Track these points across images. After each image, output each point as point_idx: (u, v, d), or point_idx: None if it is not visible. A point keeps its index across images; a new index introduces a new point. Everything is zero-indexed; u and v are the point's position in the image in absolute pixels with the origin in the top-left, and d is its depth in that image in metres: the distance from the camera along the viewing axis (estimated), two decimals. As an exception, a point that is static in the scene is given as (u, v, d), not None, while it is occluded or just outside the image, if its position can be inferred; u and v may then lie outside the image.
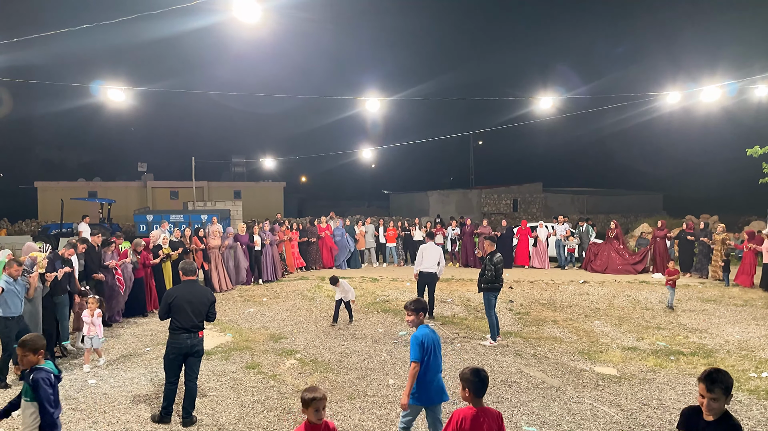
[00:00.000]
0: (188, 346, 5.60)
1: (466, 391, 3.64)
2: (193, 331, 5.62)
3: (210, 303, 5.79)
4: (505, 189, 42.10)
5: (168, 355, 5.65)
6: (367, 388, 6.65)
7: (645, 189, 50.38)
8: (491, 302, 8.68)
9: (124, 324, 10.08)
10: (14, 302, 6.76)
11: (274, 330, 9.48)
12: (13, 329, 6.71)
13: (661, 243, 16.38)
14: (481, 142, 58.60)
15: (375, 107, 15.07)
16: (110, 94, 12.69)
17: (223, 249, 13.46)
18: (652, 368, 7.39)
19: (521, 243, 18.07)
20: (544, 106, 16.23)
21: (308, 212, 44.93)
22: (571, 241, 17.79)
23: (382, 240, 18.78)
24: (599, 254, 16.89)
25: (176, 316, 5.59)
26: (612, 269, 16.39)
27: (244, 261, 14.35)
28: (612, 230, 17.04)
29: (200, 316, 5.69)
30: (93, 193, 38.92)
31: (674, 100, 15.12)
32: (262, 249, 14.79)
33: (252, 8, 8.35)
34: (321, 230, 17.69)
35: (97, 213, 27.69)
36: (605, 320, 10.20)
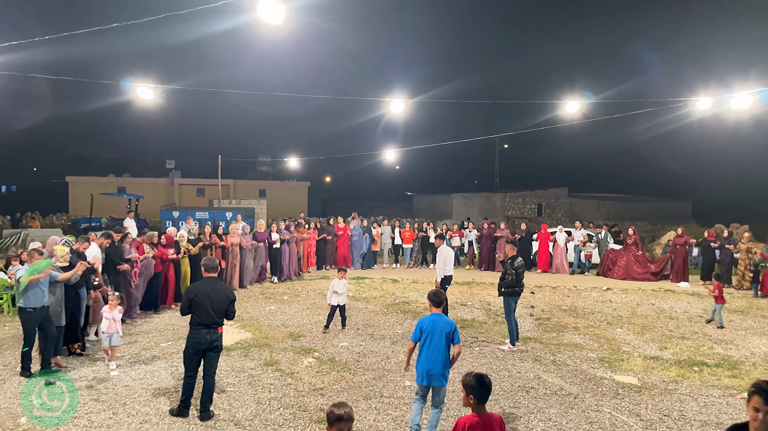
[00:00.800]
0: (208, 342, 5.69)
1: (471, 398, 3.59)
2: (213, 327, 5.70)
3: (230, 302, 5.86)
4: (530, 193, 41.76)
5: (188, 350, 5.74)
6: (383, 389, 6.66)
7: (673, 196, 49.52)
8: (511, 306, 8.62)
9: (140, 318, 10.18)
10: (36, 294, 6.80)
11: (294, 329, 9.54)
12: (36, 320, 6.80)
13: (681, 250, 16.12)
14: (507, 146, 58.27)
15: (399, 108, 15.07)
16: (140, 92, 12.94)
17: (248, 246, 13.56)
18: (675, 378, 7.25)
19: (541, 247, 17.90)
20: (571, 110, 16.04)
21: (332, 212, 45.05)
22: (588, 247, 17.58)
23: (398, 242, 18.71)
24: (618, 261, 16.67)
25: (197, 312, 5.68)
26: (631, 276, 16.17)
27: (262, 259, 14.41)
28: (630, 237, 16.83)
29: (220, 313, 5.76)
30: (122, 189, 39.65)
31: (705, 106, 14.82)
32: (281, 248, 14.88)
33: (276, 9, 8.41)
34: (338, 229, 17.72)
35: (125, 208, 28.21)
36: (628, 328, 10.05)
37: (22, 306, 6.77)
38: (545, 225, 18.81)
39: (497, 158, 53.89)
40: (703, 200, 48.59)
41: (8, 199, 52.49)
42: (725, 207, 43.04)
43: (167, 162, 44.98)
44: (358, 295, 12.73)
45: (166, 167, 45.00)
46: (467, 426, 3.49)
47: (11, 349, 7.98)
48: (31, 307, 6.76)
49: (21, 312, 6.81)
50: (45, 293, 6.94)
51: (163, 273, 10.94)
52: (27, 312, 6.77)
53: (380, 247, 18.51)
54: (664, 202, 46.31)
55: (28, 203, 36.27)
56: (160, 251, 10.75)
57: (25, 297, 6.76)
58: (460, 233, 19.23)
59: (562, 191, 42.80)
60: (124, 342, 8.26)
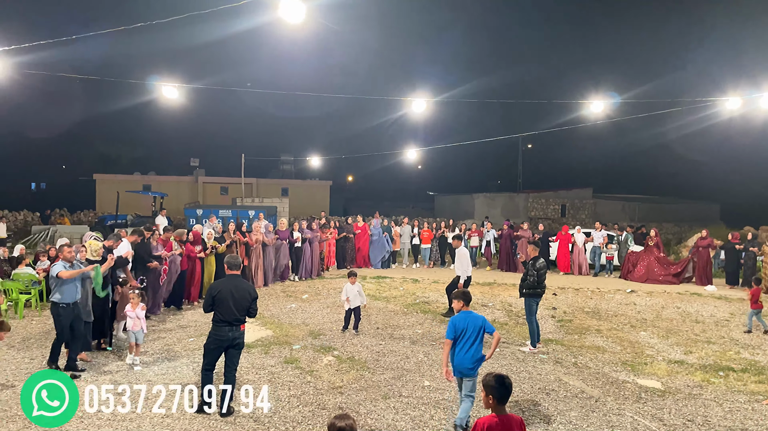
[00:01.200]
0: (230, 339, 5.75)
1: (490, 398, 3.58)
2: (235, 324, 5.76)
3: (252, 299, 5.91)
4: (554, 194, 41.39)
5: (209, 345, 5.82)
6: (402, 389, 6.65)
7: (701, 197, 48.61)
8: (532, 308, 8.54)
9: (165, 314, 10.31)
10: (70, 289, 6.87)
11: (314, 327, 9.59)
12: (69, 316, 6.85)
13: (704, 253, 15.83)
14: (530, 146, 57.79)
15: (421, 108, 15.04)
16: (164, 91, 13.12)
17: (271, 243, 13.65)
18: (699, 383, 7.12)
19: (561, 249, 17.72)
20: (596, 109, 15.85)
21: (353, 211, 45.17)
22: (610, 249, 17.36)
23: (416, 242, 18.67)
24: (638, 263, 16.40)
25: (219, 309, 5.74)
26: (652, 279, 15.90)
27: (285, 257, 14.47)
28: (652, 238, 16.57)
29: (242, 311, 5.81)
30: (147, 187, 40.23)
31: (734, 106, 14.52)
32: (302, 246, 14.94)
33: (297, 8, 8.45)
34: (356, 228, 17.73)
35: (150, 206, 28.61)
36: (652, 331, 9.89)
37: (57, 302, 6.82)
38: (566, 226, 18.61)
39: (520, 158, 53.50)
40: (732, 202, 47.62)
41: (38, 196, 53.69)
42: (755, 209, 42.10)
43: (191, 160, 45.59)
44: (378, 295, 12.75)
45: (191, 165, 45.60)
46: (486, 427, 3.47)
47: (38, 344, 8.14)
48: (65, 302, 6.82)
49: (54, 307, 6.86)
50: (78, 289, 7.03)
51: (188, 271, 11.05)
52: (61, 307, 6.82)
53: (399, 247, 18.47)
54: (691, 204, 45.50)
55: (57, 200, 37.06)
56: (188, 248, 10.88)
57: (61, 293, 6.81)
58: (479, 233, 19.11)
59: (586, 192, 42.34)
60: (149, 338, 8.38)
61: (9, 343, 8.17)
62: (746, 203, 46.84)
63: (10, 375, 6.79)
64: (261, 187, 44.16)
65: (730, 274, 15.45)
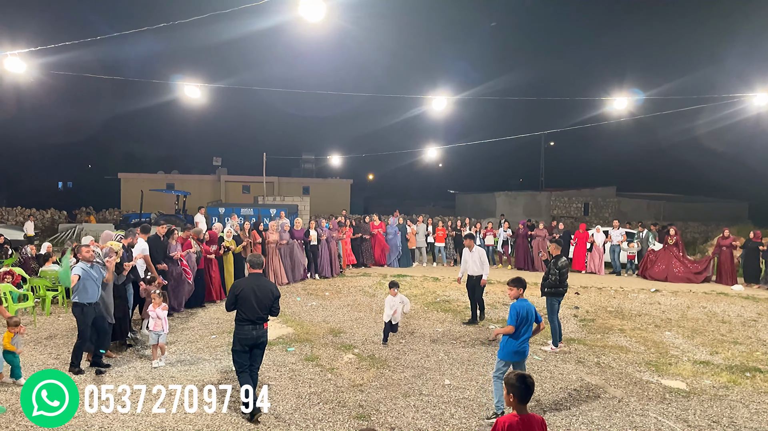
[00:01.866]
0: (254, 338, 5.75)
1: (511, 396, 3.56)
2: (259, 323, 5.76)
3: (275, 298, 5.88)
4: (577, 192, 40.91)
5: (235, 347, 5.80)
6: (422, 387, 6.64)
7: (728, 196, 47.63)
8: (554, 307, 8.46)
9: (184, 314, 10.32)
10: (92, 288, 6.87)
11: (334, 325, 9.62)
12: (90, 315, 6.86)
13: (726, 252, 15.65)
14: (553, 143, 57.22)
15: (442, 106, 14.98)
16: (187, 90, 13.26)
17: (282, 244, 13.63)
18: (725, 384, 6.98)
19: (579, 247, 17.54)
20: (619, 106, 15.63)
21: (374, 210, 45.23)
22: (631, 247, 17.14)
23: (430, 240, 18.59)
24: (658, 261, 16.20)
25: (242, 308, 5.73)
26: (672, 277, 15.70)
27: (302, 257, 14.45)
28: (672, 237, 16.37)
29: (265, 309, 5.79)
30: (170, 185, 40.75)
31: (762, 101, 14.20)
32: (319, 245, 14.93)
33: (317, 6, 8.47)
34: (373, 227, 17.70)
35: (173, 204, 28.96)
36: (677, 331, 9.73)
37: (78, 302, 6.81)
38: (583, 224, 18.44)
39: (543, 156, 52.98)
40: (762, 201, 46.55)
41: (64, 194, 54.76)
42: (786, 208, 41.16)
43: (214, 159, 46.02)
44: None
45: (213, 164, 46.04)
46: (507, 426, 3.45)
47: (65, 341, 8.27)
48: (86, 302, 6.82)
49: (76, 307, 6.86)
50: (99, 288, 7.02)
51: (205, 270, 11.07)
52: (83, 307, 6.82)
53: (415, 245, 18.38)
54: (719, 202, 44.59)
55: (83, 199, 37.75)
56: (204, 248, 10.93)
57: (82, 292, 6.80)
58: (494, 232, 18.99)
59: (609, 190, 41.77)
60: (169, 338, 8.48)
61: (36, 339, 8.36)
62: (776, 202, 45.78)
63: (37, 370, 6.90)
64: (282, 185, 44.45)
65: (749, 274, 15.33)
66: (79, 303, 6.83)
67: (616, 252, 17.37)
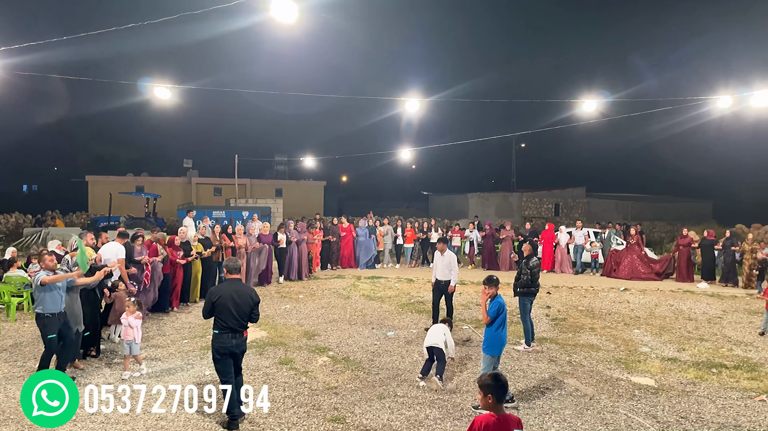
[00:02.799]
0: (233, 346, 5.52)
1: (489, 398, 3.52)
2: (239, 331, 5.53)
3: (254, 304, 5.66)
4: (547, 193, 41.49)
5: (214, 357, 5.57)
6: (397, 388, 6.66)
7: (694, 196, 48.83)
8: (527, 307, 8.56)
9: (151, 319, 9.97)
10: (54, 298, 6.44)
11: (309, 327, 9.57)
12: (55, 326, 6.43)
13: (684, 251, 16.21)
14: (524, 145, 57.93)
15: (415, 108, 15.05)
16: (157, 91, 13.07)
17: (251, 249, 13.27)
18: (692, 380, 7.16)
19: (545, 247, 17.87)
20: (589, 109, 15.91)
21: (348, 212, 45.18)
22: (594, 247, 17.52)
23: (399, 242, 18.52)
24: (621, 261, 16.63)
25: (220, 316, 5.48)
26: (636, 276, 16.12)
27: (264, 262, 13.94)
28: (633, 236, 16.85)
29: (245, 316, 5.57)
30: (140, 188, 40.10)
31: (725, 104, 14.60)
32: (288, 248, 14.67)
33: (289, 8, 8.43)
34: (342, 230, 17.50)
35: (143, 207, 28.48)
36: (645, 329, 9.93)
37: (41, 313, 6.38)
38: (551, 224, 18.78)
39: (514, 157, 53.62)
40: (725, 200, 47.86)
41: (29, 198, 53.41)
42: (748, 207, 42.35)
43: (185, 161, 45.44)
44: (373, 295, 12.74)
45: (184, 166, 45.46)
46: (483, 425, 3.45)
47: (31, 350, 8.04)
48: (49, 313, 6.39)
49: (39, 318, 6.42)
50: (63, 298, 6.60)
51: (171, 275, 10.64)
52: (46, 317, 6.39)
53: (383, 247, 18.30)
54: (685, 202, 45.67)
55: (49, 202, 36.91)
56: (170, 253, 10.49)
57: (43, 302, 6.37)
58: (461, 233, 19.13)
59: (579, 191, 42.45)
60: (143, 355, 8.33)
61: (0, 347, 8.12)
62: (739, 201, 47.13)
63: (2, 379, 6.75)
64: (255, 187, 44.10)
65: (706, 271, 15.91)
66: (41, 314, 6.39)
67: (578, 252, 17.77)
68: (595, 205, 41.45)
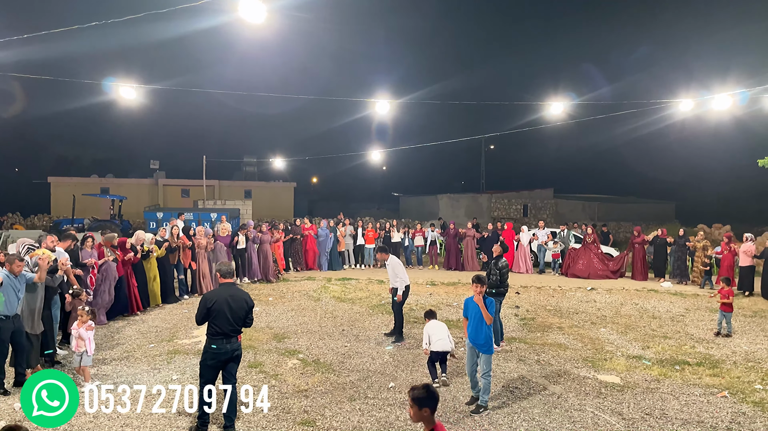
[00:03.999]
0: (229, 352, 5.44)
1: (425, 411, 3.34)
2: (233, 336, 5.46)
3: (249, 308, 5.61)
4: (516, 194, 42.01)
5: (206, 361, 5.45)
6: (368, 390, 6.64)
7: (657, 197, 50.05)
8: (496, 307, 8.63)
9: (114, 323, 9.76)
10: (11, 299, 6.23)
11: (278, 330, 9.49)
12: (9, 329, 6.24)
13: (639, 249, 16.80)
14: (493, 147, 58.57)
15: (385, 109, 15.08)
16: (122, 91, 12.82)
17: (209, 248, 13.04)
18: (657, 377, 7.32)
19: None
20: (556, 111, 16.19)
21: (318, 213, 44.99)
22: (555, 247, 17.91)
23: (360, 242, 18.41)
24: (579, 259, 17.05)
25: (215, 321, 5.39)
26: (594, 274, 16.55)
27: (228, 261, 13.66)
28: (589, 235, 17.30)
29: (240, 321, 5.50)
30: (105, 190, 39.28)
31: (686, 107, 15.01)
32: (247, 249, 14.45)
33: (257, 9, 8.36)
34: (304, 230, 17.35)
35: (108, 209, 27.88)
36: (611, 328, 10.12)
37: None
38: (510, 224, 19.09)
39: (483, 159, 54.15)
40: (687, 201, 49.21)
41: (-11, 199, 51.77)
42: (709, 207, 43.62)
43: (151, 162, 44.67)
44: (343, 296, 12.71)
45: (150, 168, 44.67)
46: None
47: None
48: (3, 315, 6.16)
49: None
50: (19, 300, 6.35)
51: (126, 278, 10.27)
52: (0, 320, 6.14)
53: (344, 248, 18.12)
54: (649, 203, 46.80)
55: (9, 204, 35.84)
56: (120, 254, 10.06)
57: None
58: (423, 232, 19.24)
59: (547, 192, 43.10)
60: (106, 346, 8.16)
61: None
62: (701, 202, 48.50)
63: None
64: (224, 189, 43.59)
65: (658, 268, 16.56)
66: None
67: (542, 251, 18.13)
68: (562, 206, 42.13)
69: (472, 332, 6.34)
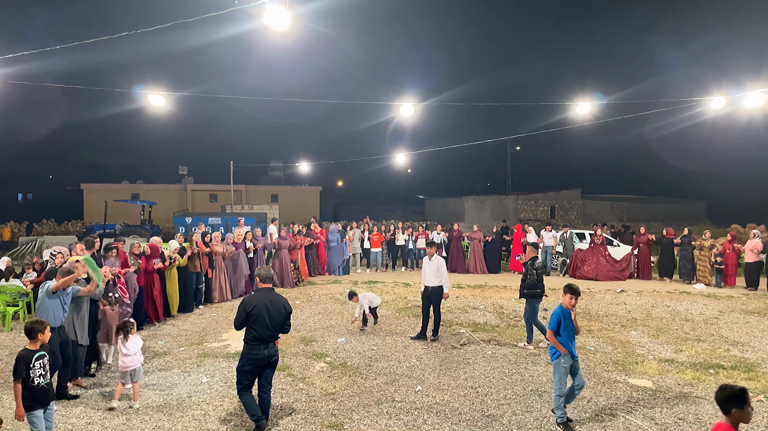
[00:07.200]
0: (266, 357, 5.46)
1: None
2: (270, 341, 5.50)
3: (287, 314, 5.62)
4: (543, 195, 41.57)
5: (243, 367, 5.48)
6: (395, 394, 6.64)
7: (688, 196, 49.02)
8: (535, 308, 8.64)
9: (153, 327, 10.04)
10: (57, 310, 6.14)
11: (305, 333, 9.55)
12: (56, 341, 6.01)
13: (644, 248, 16.61)
14: (519, 148, 58.12)
15: (409, 112, 15.06)
16: (151, 99, 13.05)
17: (228, 256, 12.93)
18: (690, 381, 7.16)
19: (515, 248, 18.22)
20: (583, 111, 15.96)
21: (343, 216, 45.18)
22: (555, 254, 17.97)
23: (366, 245, 18.30)
24: (587, 260, 16.84)
25: (254, 326, 5.40)
26: (602, 275, 16.37)
27: (246, 269, 13.42)
28: (597, 236, 17.10)
29: (278, 326, 5.52)
30: (135, 195, 40.02)
31: (718, 105, 14.68)
32: (254, 256, 13.97)
33: (282, 16, 8.44)
34: (315, 234, 17.13)
35: (138, 215, 28.39)
36: (642, 331, 9.95)
37: None
38: (519, 225, 19.00)
39: (509, 160, 53.79)
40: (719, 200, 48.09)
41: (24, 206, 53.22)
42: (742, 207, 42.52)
43: (180, 168, 45.40)
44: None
45: (179, 173, 45.40)
46: None
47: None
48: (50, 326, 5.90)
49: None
50: (64, 310, 6.25)
51: (146, 288, 10.00)
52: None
53: (352, 252, 18.01)
54: (679, 203, 45.84)
55: (44, 211, 36.79)
56: (144, 263, 9.90)
57: (44, 314, 5.97)
58: (426, 234, 19.15)
59: (575, 193, 42.54)
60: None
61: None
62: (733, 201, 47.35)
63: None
64: (250, 193, 44.07)
65: (663, 268, 16.38)
66: None
67: (548, 254, 18.07)
68: (590, 207, 41.55)
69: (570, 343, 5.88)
